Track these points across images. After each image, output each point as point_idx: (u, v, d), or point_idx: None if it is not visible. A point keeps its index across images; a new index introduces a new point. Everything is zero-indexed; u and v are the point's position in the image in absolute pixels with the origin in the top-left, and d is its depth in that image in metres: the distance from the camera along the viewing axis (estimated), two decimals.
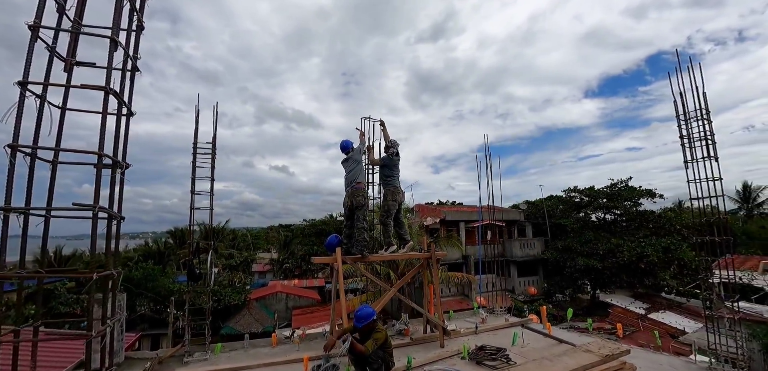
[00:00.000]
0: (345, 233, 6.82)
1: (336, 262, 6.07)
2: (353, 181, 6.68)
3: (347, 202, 6.65)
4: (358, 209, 6.54)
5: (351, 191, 6.67)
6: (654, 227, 21.95)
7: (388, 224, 6.91)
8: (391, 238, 6.95)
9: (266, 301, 23.96)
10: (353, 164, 6.84)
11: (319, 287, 31.02)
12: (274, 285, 27.65)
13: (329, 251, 6.42)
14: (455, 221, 24.52)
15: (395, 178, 7.23)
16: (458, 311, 21.42)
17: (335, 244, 6.34)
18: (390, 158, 7.22)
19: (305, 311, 23.73)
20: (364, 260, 6.57)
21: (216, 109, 7.56)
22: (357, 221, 6.56)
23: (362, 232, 6.46)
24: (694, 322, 17.75)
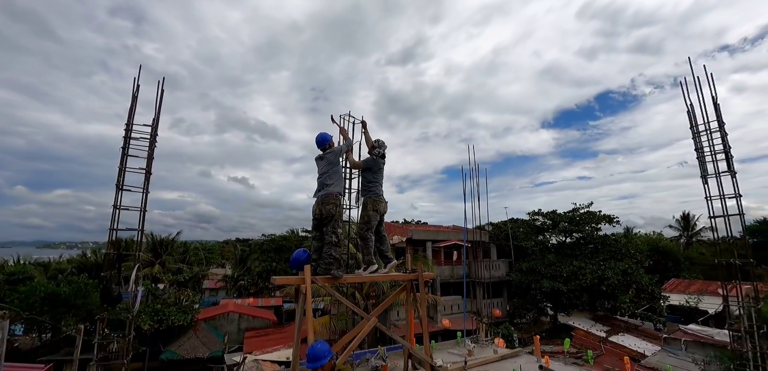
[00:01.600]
0: (314, 246, 5.64)
1: (303, 283, 4.94)
2: (324, 188, 5.58)
3: (316, 211, 5.54)
4: (327, 220, 5.44)
5: (320, 199, 5.53)
6: (613, 252, 22.53)
7: (368, 238, 5.81)
8: (371, 256, 5.84)
9: (216, 322, 21.94)
10: (327, 165, 5.71)
11: (276, 307, 29.11)
12: (226, 303, 25.53)
13: (295, 269, 5.35)
14: (422, 240, 23.93)
15: (378, 184, 6.17)
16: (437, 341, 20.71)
17: (303, 260, 5.30)
18: (374, 161, 6.19)
19: (259, 333, 21.92)
20: (337, 281, 5.41)
21: (161, 86, 6.30)
22: (325, 236, 5.45)
23: (330, 247, 5.37)
24: (652, 345, 18.07)
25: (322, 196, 5.48)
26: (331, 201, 5.46)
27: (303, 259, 5.34)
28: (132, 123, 6.06)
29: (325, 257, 5.31)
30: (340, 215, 5.57)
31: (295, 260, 5.41)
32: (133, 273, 5.77)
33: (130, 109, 5.95)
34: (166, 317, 18.37)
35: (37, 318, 17.17)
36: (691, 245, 43.93)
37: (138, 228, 6.52)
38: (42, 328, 19.33)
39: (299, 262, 5.30)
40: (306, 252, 5.49)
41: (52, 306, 17.42)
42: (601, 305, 21.43)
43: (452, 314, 22.47)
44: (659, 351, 16.76)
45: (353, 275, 6.02)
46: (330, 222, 5.40)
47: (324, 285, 5.12)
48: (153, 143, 6.17)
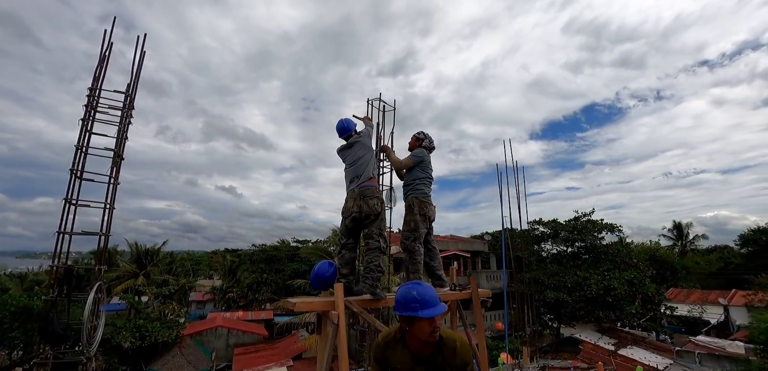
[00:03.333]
0: (343, 257, 4.27)
1: (334, 307, 3.47)
2: (363, 175, 4.25)
3: (353, 208, 4.11)
4: (370, 219, 4.07)
5: (359, 191, 4.15)
6: (616, 261, 21.94)
7: (415, 250, 4.45)
8: (420, 274, 4.44)
9: (203, 337, 20.62)
10: (361, 149, 4.41)
11: (267, 320, 27.79)
12: (214, 317, 24.17)
13: (318, 288, 4.10)
14: None
15: (428, 183, 4.78)
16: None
17: (330, 277, 4.02)
18: (423, 153, 4.86)
19: (249, 349, 20.68)
20: (379, 303, 3.96)
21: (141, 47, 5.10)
22: (369, 240, 4.08)
23: (377, 256, 4.01)
24: (662, 357, 17.38)
25: (362, 188, 4.13)
26: (375, 194, 4.12)
27: (329, 275, 4.02)
28: (99, 87, 4.80)
29: (370, 269, 3.95)
30: (384, 212, 4.28)
31: (318, 276, 4.02)
32: (91, 296, 4.44)
33: (98, 71, 4.74)
34: (150, 332, 17.08)
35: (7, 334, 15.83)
36: (686, 254, 43.92)
37: (100, 232, 4.92)
38: (13, 345, 17.91)
39: (324, 279, 4.00)
40: (332, 265, 4.10)
41: (23, 322, 16.07)
42: (607, 316, 20.73)
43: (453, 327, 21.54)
44: (673, 365, 16.06)
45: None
46: (374, 222, 4.05)
47: (361, 311, 3.78)
48: (127, 115, 4.89)
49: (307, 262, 35.35)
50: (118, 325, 17.00)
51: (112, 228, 5.14)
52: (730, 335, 24.06)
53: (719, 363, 15.27)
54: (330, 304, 3.55)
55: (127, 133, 4.81)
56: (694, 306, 27.44)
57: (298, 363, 18.21)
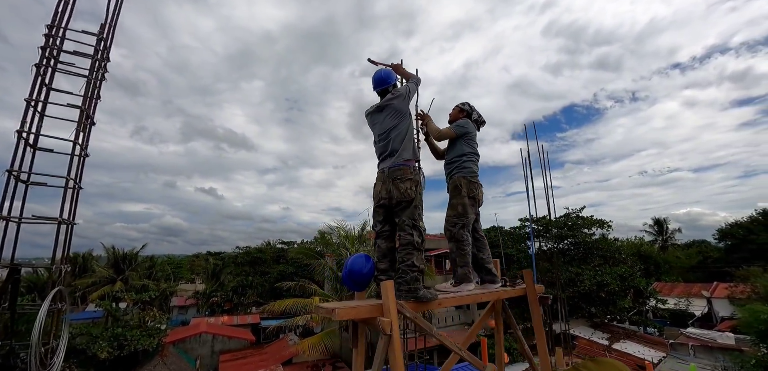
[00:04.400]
0: (380, 249, 3.48)
1: (385, 313, 2.71)
2: (395, 154, 3.39)
3: (381, 192, 3.38)
4: (402, 206, 3.30)
5: (389, 172, 3.36)
6: (606, 257, 22.03)
7: (463, 239, 3.73)
8: (469, 267, 3.70)
9: (187, 344, 19.63)
10: (394, 117, 3.46)
11: (253, 324, 26.87)
12: (198, 323, 23.14)
13: (351, 288, 3.34)
14: None
15: (474, 160, 4.03)
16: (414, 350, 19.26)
17: (367, 274, 3.27)
18: (469, 125, 4.09)
19: (236, 356, 19.82)
20: (428, 306, 3.20)
21: None
22: (401, 233, 3.31)
23: (411, 252, 3.20)
24: (655, 351, 17.44)
25: (393, 167, 3.34)
26: (408, 175, 3.28)
27: (366, 272, 3.24)
28: (62, 25, 3.67)
29: (403, 271, 3.17)
30: (420, 198, 3.42)
31: (353, 274, 3.23)
32: (44, 306, 3.41)
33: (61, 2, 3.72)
34: (129, 341, 16.02)
35: None
36: (666, 248, 45.03)
37: (60, 218, 3.66)
38: None
39: (361, 277, 3.22)
40: (369, 260, 3.36)
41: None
42: (600, 311, 20.76)
43: (447, 326, 21.19)
44: (668, 358, 16.08)
45: (450, 296, 3.52)
46: (406, 211, 3.25)
47: (416, 317, 3.00)
48: (101, 67, 3.87)
49: (293, 264, 34.50)
50: (94, 334, 15.90)
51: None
52: (714, 326, 24.58)
53: (712, 354, 15.37)
54: (377, 309, 2.76)
55: (99, 90, 4.00)
56: (680, 299, 27.95)
57: (289, 368, 17.47)
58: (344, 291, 15.50)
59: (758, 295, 21.96)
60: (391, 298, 2.71)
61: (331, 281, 16.86)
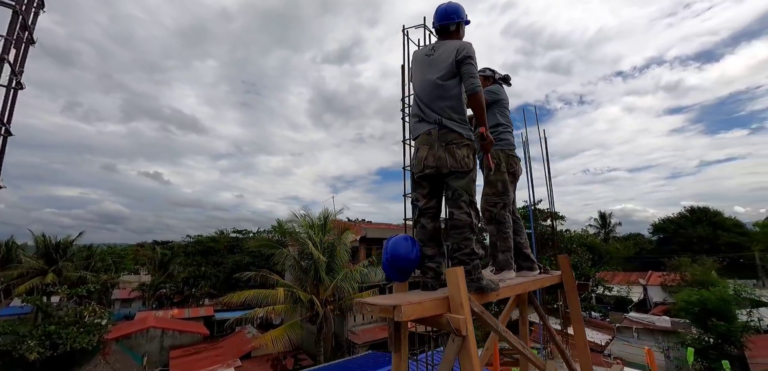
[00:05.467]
0: (424, 231, 2.85)
1: (456, 310, 2.19)
2: (451, 107, 2.77)
3: (427, 160, 2.75)
4: (456, 178, 2.71)
5: (439, 134, 2.74)
6: (560, 248, 23.20)
7: (505, 221, 3.36)
8: (510, 253, 3.33)
9: (132, 340, 18.09)
10: (451, 63, 2.77)
11: (207, 317, 25.42)
12: (145, 317, 21.42)
13: (393, 277, 2.78)
14: (379, 238, 22.37)
15: (510, 131, 3.64)
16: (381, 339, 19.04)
17: (415, 259, 2.71)
18: (500, 90, 3.67)
19: (188, 351, 18.59)
20: (489, 296, 2.70)
21: None
22: (454, 211, 2.71)
23: (468, 240, 2.66)
24: (603, 334, 18.67)
25: (447, 129, 2.70)
26: (463, 141, 2.70)
27: (414, 258, 2.67)
28: None
29: (459, 260, 2.60)
30: (476, 169, 2.85)
31: (398, 259, 2.64)
32: None
33: None
34: (64, 340, 14.38)
35: None
36: (608, 240, 48.70)
37: None
38: None
39: (408, 263, 2.65)
40: (415, 243, 2.74)
41: None
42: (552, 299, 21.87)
43: None
44: (615, 340, 17.28)
45: (510, 284, 3.14)
46: (463, 181, 2.67)
47: (484, 311, 2.45)
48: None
49: (250, 253, 33.06)
50: (22, 333, 14.11)
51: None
52: (649, 310, 27.00)
53: (653, 336, 16.72)
54: (443, 304, 2.23)
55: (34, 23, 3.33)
56: (621, 287, 30.30)
57: (248, 362, 16.65)
58: (310, 280, 14.95)
59: (687, 282, 24.39)
60: (463, 289, 2.14)
61: (294, 271, 16.20)
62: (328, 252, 15.31)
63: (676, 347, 15.17)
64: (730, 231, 39.03)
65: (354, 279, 15.14)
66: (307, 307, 14.58)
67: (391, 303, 2.11)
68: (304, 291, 14.64)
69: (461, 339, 2.09)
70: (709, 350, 12.91)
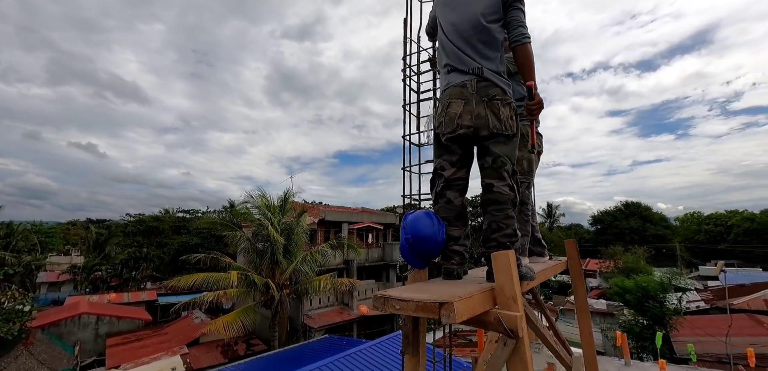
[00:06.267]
0: (450, 207, 2.34)
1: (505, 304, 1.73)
2: (494, 56, 2.28)
3: (463, 118, 2.21)
4: (498, 143, 2.21)
5: (483, 86, 2.22)
6: None
7: (528, 203, 3.11)
8: (529, 237, 3.09)
9: (62, 328, 16.42)
10: (488, 3, 2.27)
11: (149, 302, 23.75)
12: (77, 302, 19.55)
13: (414, 261, 2.25)
14: (337, 221, 22.04)
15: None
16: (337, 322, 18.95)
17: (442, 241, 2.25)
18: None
19: (127, 338, 17.23)
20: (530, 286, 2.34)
21: None
22: (493, 182, 2.19)
23: (512, 215, 2.20)
24: None
25: (489, 82, 2.24)
26: (507, 99, 2.25)
27: (441, 240, 2.24)
28: None
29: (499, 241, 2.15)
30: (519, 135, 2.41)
31: (422, 240, 2.19)
32: None
33: None
34: None
35: None
36: (553, 230, 52.09)
37: None
38: None
39: (434, 246, 2.22)
40: (440, 223, 2.27)
41: None
42: None
43: (367, 299, 21.28)
44: (558, 321, 18.50)
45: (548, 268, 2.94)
46: (506, 147, 2.23)
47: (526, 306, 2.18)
48: None
49: (199, 234, 31.27)
50: None
51: None
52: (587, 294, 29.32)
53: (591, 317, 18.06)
54: (489, 298, 1.80)
55: None
56: None
57: (196, 349, 15.75)
58: (266, 263, 14.33)
59: (620, 269, 26.66)
60: (515, 279, 1.74)
61: (248, 253, 15.47)
62: (286, 234, 14.76)
63: (613, 327, 16.55)
64: (656, 224, 43.23)
65: (314, 261, 14.76)
66: (262, 291, 14.01)
67: (433, 299, 1.61)
68: (259, 275, 14.02)
69: (514, 342, 1.65)
70: (643, 331, 14.25)
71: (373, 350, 10.74)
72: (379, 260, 23.17)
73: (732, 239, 39.32)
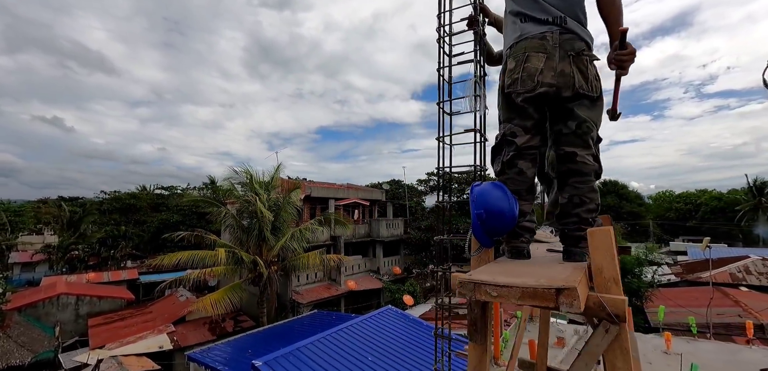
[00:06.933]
0: (522, 178, 2.08)
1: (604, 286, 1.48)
2: (581, 9, 2.03)
3: (545, 74, 1.91)
4: (583, 106, 1.96)
5: (568, 40, 1.93)
6: None
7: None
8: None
9: (40, 310, 15.92)
10: None
11: (130, 280, 23.20)
12: (53, 283, 18.90)
13: (482, 238, 1.91)
14: (324, 198, 21.85)
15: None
16: (325, 298, 19.05)
17: (516, 216, 1.95)
18: None
19: (110, 318, 16.90)
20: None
21: None
22: (575, 151, 1.96)
23: (594, 193, 1.98)
24: None
25: (570, 32, 1.95)
26: (592, 55, 2.00)
27: (516, 214, 1.95)
28: None
29: (581, 216, 1.95)
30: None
31: (499, 216, 1.86)
32: None
33: None
34: None
35: None
36: None
37: None
38: None
39: (510, 221, 1.91)
40: (511, 195, 1.95)
41: None
42: None
43: (354, 274, 21.44)
44: None
45: None
46: (593, 109, 1.99)
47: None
48: None
49: (179, 212, 30.50)
50: None
51: None
52: None
53: None
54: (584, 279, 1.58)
55: None
56: None
57: (182, 326, 15.59)
58: (253, 239, 14.12)
59: None
60: (616, 259, 1.52)
61: (233, 230, 15.21)
62: (274, 211, 14.56)
63: None
64: (632, 202, 44.84)
65: (303, 238, 14.68)
66: (250, 268, 13.86)
67: (547, 285, 1.40)
68: (246, 252, 13.84)
69: (617, 328, 1.46)
70: None
71: (368, 324, 10.91)
72: (366, 236, 23.22)
73: (700, 217, 41.26)
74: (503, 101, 2.14)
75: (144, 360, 12.43)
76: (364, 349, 9.56)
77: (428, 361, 9.36)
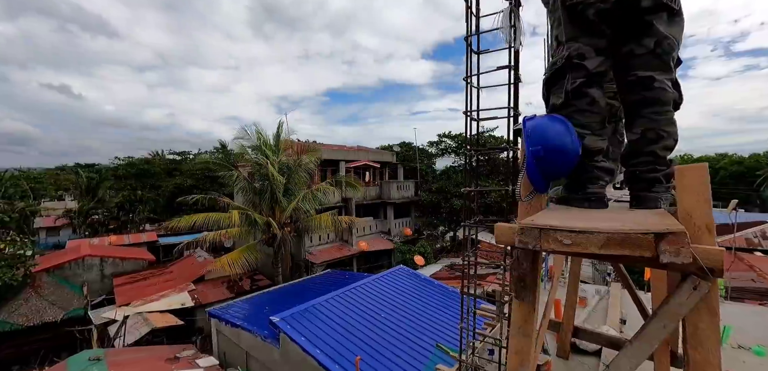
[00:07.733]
0: (594, 109, 1.76)
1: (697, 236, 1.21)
2: None
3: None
4: (662, 16, 1.62)
5: None
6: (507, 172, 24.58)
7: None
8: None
9: (67, 271, 16.62)
10: None
11: (150, 242, 24.02)
12: (78, 245, 19.65)
13: (541, 185, 1.67)
14: (335, 160, 21.88)
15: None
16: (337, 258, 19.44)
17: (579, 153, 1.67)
18: None
19: (134, 278, 17.62)
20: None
21: None
22: (650, 75, 1.66)
23: (670, 110, 1.72)
24: None
25: None
26: None
27: (579, 150, 1.66)
28: None
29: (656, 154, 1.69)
30: None
31: (560, 152, 1.60)
32: None
33: None
34: None
35: None
36: None
37: None
38: None
39: (574, 158, 1.65)
40: (572, 128, 1.65)
41: None
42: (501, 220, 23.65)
43: (365, 235, 21.76)
44: None
45: None
46: (675, 25, 1.67)
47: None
48: None
49: (192, 176, 31.03)
50: None
51: None
52: None
53: None
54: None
55: None
56: None
57: (202, 285, 16.23)
58: (266, 202, 14.32)
59: None
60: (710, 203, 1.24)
61: (245, 193, 15.45)
62: (286, 174, 14.67)
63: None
64: None
65: (316, 200, 14.85)
66: (264, 229, 14.16)
67: (644, 230, 1.15)
68: (259, 214, 14.10)
69: (708, 285, 1.21)
70: None
71: (381, 282, 11.17)
72: (377, 198, 23.36)
73: (718, 182, 40.27)
74: (565, 16, 1.77)
75: (167, 316, 13.02)
76: (377, 306, 9.85)
77: (440, 318, 9.63)
